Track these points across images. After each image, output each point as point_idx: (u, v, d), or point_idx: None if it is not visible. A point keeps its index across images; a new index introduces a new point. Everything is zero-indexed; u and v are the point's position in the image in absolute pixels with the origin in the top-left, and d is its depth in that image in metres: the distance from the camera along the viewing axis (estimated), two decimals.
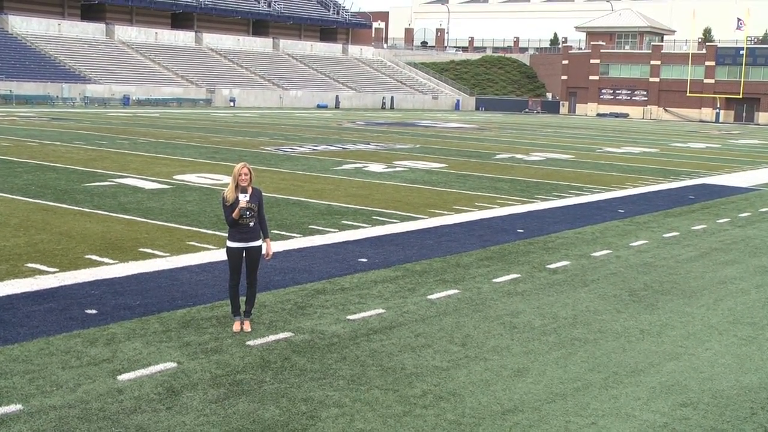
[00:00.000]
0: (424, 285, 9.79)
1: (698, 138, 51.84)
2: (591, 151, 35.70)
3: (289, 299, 8.85)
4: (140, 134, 34.59)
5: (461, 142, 37.53)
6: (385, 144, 34.42)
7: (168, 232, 12.50)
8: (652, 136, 52.60)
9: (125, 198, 15.88)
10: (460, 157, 29.00)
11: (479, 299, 9.22)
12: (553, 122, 72.17)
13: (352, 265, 10.76)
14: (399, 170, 23.41)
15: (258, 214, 7.70)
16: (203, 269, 10.13)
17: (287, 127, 44.81)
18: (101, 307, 8.23)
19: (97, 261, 10.33)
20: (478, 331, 7.97)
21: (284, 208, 15.25)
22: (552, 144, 39.24)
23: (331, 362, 6.88)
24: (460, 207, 16.47)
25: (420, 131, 46.78)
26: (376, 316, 8.36)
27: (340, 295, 9.11)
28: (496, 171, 24.38)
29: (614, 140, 45.25)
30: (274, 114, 64.87)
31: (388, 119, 63.64)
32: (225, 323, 7.86)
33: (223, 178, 19.63)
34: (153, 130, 37.39)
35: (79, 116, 49.05)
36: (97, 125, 40.32)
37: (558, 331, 8.09)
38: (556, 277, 10.52)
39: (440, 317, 8.40)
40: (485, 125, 59.22)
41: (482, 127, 55.20)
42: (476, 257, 11.59)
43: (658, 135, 54.24)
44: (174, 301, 8.61)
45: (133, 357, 6.80)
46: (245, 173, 7.56)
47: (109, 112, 57.45)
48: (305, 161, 25.06)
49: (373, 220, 14.38)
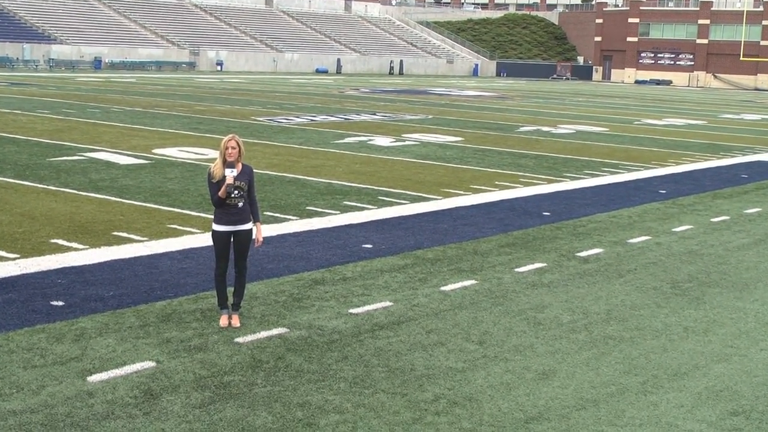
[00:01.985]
0: (437, 275, 9.78)
1: (753, 109, 51.58)
2: (628, 123, 35.57)
3: (284, 290, 8.86)
4: (114, 102, 34.57)
5: (479, 113, 37.42)
6: (393, 114, 34.33)
7: (146, 214, 12.50)
8: (699, 106, 52.36)
9: (97, 174, 15.89)
10: (478, 130, 28.90)
11: (499, 291, 9.21)
12: (585, 90, 71.83)
13: (355, 251, 10.75)
14: (409, 144, 23.36)
15: (248, 195, 7.68)
16: (186, 256, 10.14)
17: (282, 95, 44.74)
18: (69, 299, 8.25)
19: (64, 246, 10.34)
20: (498, 327, 7.96)
21: (278, 187, 15.25)
22: (583, 115, 39.10)
23: (331, 362, 6.88)
24: (477, 186, 16.45)
25: (433, 100, 46.64)
26: (383, 309, 8.36)
27: (341, 286, 9.11)
28: (519, 145, 24.31)
29: (655, 111, 45.07)
30: (266, 80, 64.75)
31: (397, 86, 63.44)
32: (211, 317, 7.87)
33: (208, 152, 19.63)
34: (128, 98, 37.38)
35: (43, 81, 49.04)
36: (63, 92, 40.31)
37: (589, 328, 8.08)
38: (587, 267, 10.50)
39: (455, 311, 8.40)
40: (507, 93, 59.00)
41: (504, 96, 55.00)
42: (496, 244, 11.58)
43: (706, 105, 53.98)
44: (153, 291, 8.62)
45: (105, 355, 6.82)
46: (233, 146, 7.54)
47: (78, 76, 57.40)
48: (302, 133, 25.02)
49: (379, 201, 14.37)
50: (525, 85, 79.11)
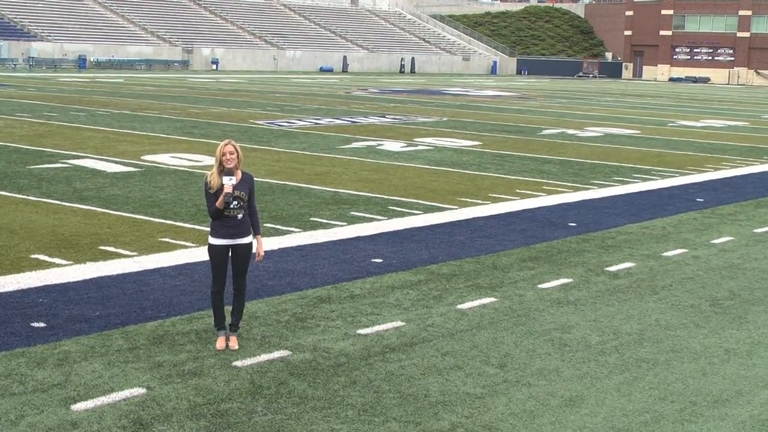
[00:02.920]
0: (453, 292, 9.79)
1: None
2: (661, 124, 35.50)
3: (286, 309, 8.87)
4: (100, 104, 34.70)
5: (499, 115, 37.42)
6: (405, 117, 34.35)
7: (135, 226, 12.54)
8: (740, 105, 52.22)
9: (81, 183, 15.96)
10: (497, 133, 28.89)
11: (521, 310, 9.21)
12: (614, 89, 71.71)
13: (363, 266, 10.76)
14: (421, 149, 23.38)
15: (248, 205, 7.70)
16: (179, 272, 10.16)
17: (283, 96, 44.84)
18: (51, 320, 8.27)
19: (46, 262, 10.37)
20: (521, 349, 7.95)
21: (280, 197, 15.28)
22: (612, 116, 39.04)
23: (338, 388, 6.88)
24: (497, 195, 16.45)
25: (448, 101, 46.65)
26: (394, 330, 8.36)
27: (348, 305, 9.12)
28: (542, 150, 24.30)
29: (691, 111, 44.98)
30: (266, 79, 64.90)
31: (408, 86, 63.48)
32: (207, 339, 7.88)
33: (203, 158, 19.69)
34: (116, 100, 37.51)
35: (22, 82, 49.27)
36: (45, 93, 40.49)
37: (620, 350, 8.06)
38: (617, 283, 10.48)
39: (473, 332, 8.39)
40: (529, 93, 58.95)
41: (525, 96, 54.97)
42: (517, 257, 11.58)
43: (748, 104, 53.84)
44: (143, 311, 8.64)
45: (91, 381, 6.83)
46: (231, 152, 7.55)
47: (61, 76, 57.64)
48: (305, 138, 25.07)
49: (389, 211, 14.38)
50: (548, 84, 79.02)
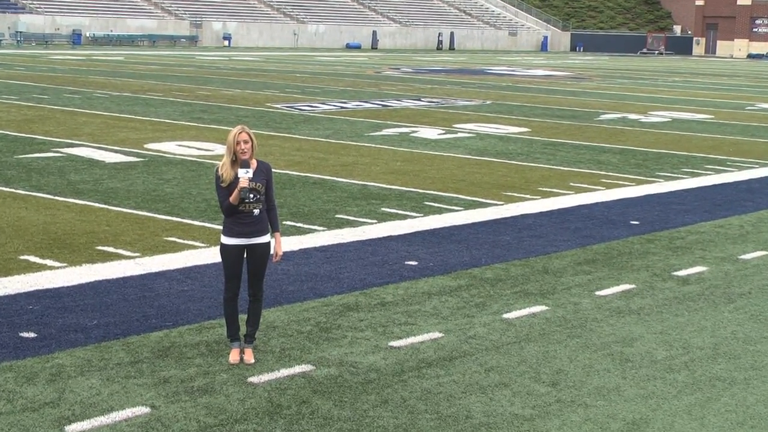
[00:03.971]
0: (498, 299, 9.76)
1: None
2: (738, 108, 35.15)
3: (309, 318, 8.88)
4: (97, 85, 34.90)
5: (550, 97, 37.25)
6: (443, 100, 34.29)
7: (138, 224, 12.61)
8: None
9: (77, 175, 16.06)
10: (547, 119, 28.76)
11: (576, 320, 9.16)
12: (683, 67, 71.11)
13: (396, 270, 10.76)
14: (462, 137, 23.34)
15: (266, 198, 7.71)
16: (187, 275, 10.20)
17: (305, 76, 44.88)
18: (43, 329, 8.31)
19: (36, 264, 10.44)
20: (576, 364, 7.92)
21: (301, 191, 15.30)
22: (681, 99, 38.74)
23: (368, 407, 6.88)
24: (548, 189, 16.40)
25: (491, 81, 46.50)
26: (431, 342, 8.35)
27: (379, 313, 9.12)
28: (599, 138, 24.17)
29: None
30: (285, 57, 65.01)
31: (447, 64, 63.34)
32: (219, 351, 7.91)
33: (214, 147, 19.76)
34: (115, 80, 37.72)
35: (9, 60, 49.68)
36: (35, 72, 40.78)
37: (691, 366, 8.00)
38: (687, 290, 10.41)
39: (521, 345, 8.37)
40: (584, 72, 58.62)
41: (580, 76, 54.66)
42: (572, 260, 11.53)
43: None
44: (146, 320, 8.68)
45: (87, 399, 6.87)
46: (245, 140, 7.55)
47: (53, 54, 58.03)
48: (330, 124, 25.10)
49: (425, 207, 14.37)
50: (607, 62, 78.50)
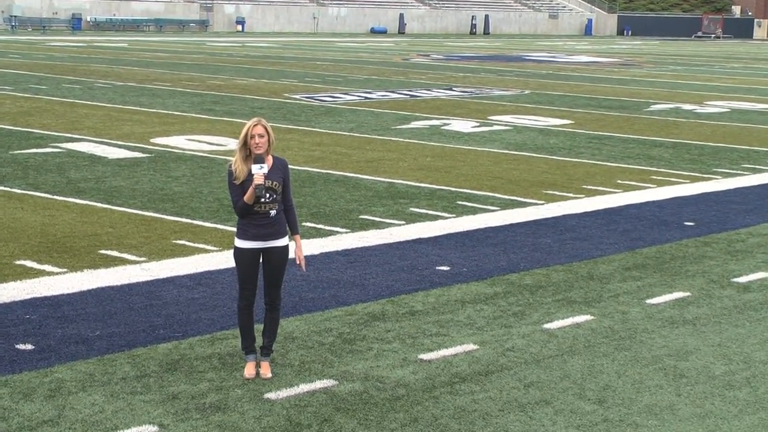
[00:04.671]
0: (539, 307, 9.73)
1: None
2: None
3: (331, 328, 8.88)
4: (99, 74, 35.03)
5: (595, 86, 37.11)
6: (477, 89, 34.22)
7: (144, 225, 12.65)
8: None
9: (77, 173, 16.13)
10: (592, 109, 28.66)
11: (625, 331, 9.12)
12: (742, 52, 70.61)
13: (426, 275, 10.75)
14: (498, 130, 23.28)
15: (283, 198, 7.72)
16: (198, 282, 10.23)
17: (325, 64, 44.92)
18: (41, 340, 8.34)
19: (34, 269, 10.49)
20: (625, 380, 7.88)
21: (322, 189, 15.32)
22: (740, 87, 38.49)
23: (395, 426, 6.88)
24: (593, 187, 16.34)
25: (530, 69, 46.37)
26: (465, 354, 8.34)
27: (408, 323, 9.11)
28: (650, 130, 24.06)
29: None
30: (304, 43, 65.07)
31: (481, 50, 63.22)
32: (232, 365, 7.93)
33: (227, 141, 19.80)
34: (119, 69, 37.86)
35: (3, 47, 49.96)
36: (31, 60, 40.98)
37: (753, 382, 7.95)
38: (748, 298, 10.34)
39: (564, 358, 8.34)
40: (633, 59, 58.34)
41: (628, 62, 54.41)
42: (620, 265, 11.48)
43: None
44: (154, 330, 8.70)
45: (90, 417, 6.89)
46: (260, 134, 7.56)
47: (50, 40, 58.34)
48: (353, 116, 25.11)
49: (457, 207, 14.36)
50: (658, 46, 78.11)
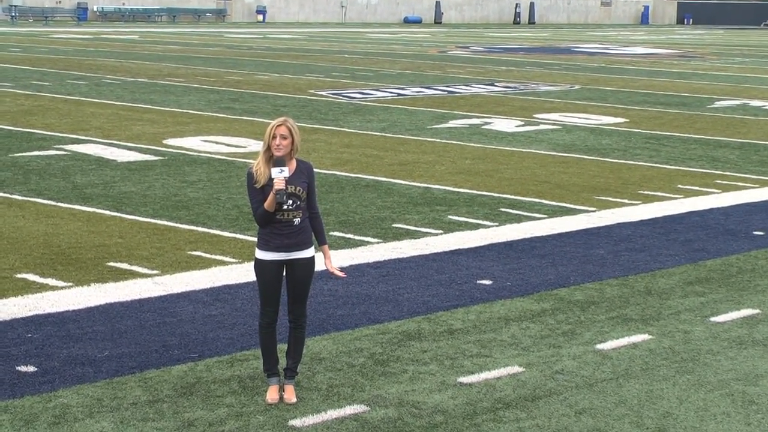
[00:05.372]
0: (591, 326, 9.68)
1: None
2: None
3: (362, 348, 8.86)
4: (107, 69, 35.23)
5: (652, 81, 36.97)
6: (521, 84, 34.17)
7: (156, 235, 12.67)
8: None
9: (83, 177, 16.18)
10: (649, 106, 28.54)
11: (687, 352, 9.06)
12: None
13: (466, 290, 10.72)
14: (544, 129, 23.24)
15: (308, 205, 7.70)
16: (216, 297, 10.23)
17: (354, 57, 44.98)
18: (44, 362, 8.36)
19: (36, 284, 10.51)
20: (687, 407, 7.82)
21: (351, 195, 15.31)
22: None
23: None
24: (650, 192, 16.27)
25: (580, 62, 46.27)
26: (509, 377, 8.30)
27: (446, 342, 9.08)
28: (714, 129, 23.94)
29: None
30: (331, 34, 65.25)
31: (526, 41, 63.14)
32: (253, 389, 7.91)
33: (248, 143, 19.84)
34: (129, 63, 38.07)
35: (3, 39, 50.37)
36: (33, 55, 41.28)
37: None
38: None
39: (619, 382, 8.29)
40: (694, 50, 58.12)
41: (689, 54, 54.19)
42: (681, 279, 11.41)
43: None
44: (167, 350, 8.71)
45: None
46: (283, 135, 7.56)
47: (54, 32, 58.78)
48: (385, 115, 25.12)
49: (500, 215, 14.32)
50: (722, 36, 77.77)
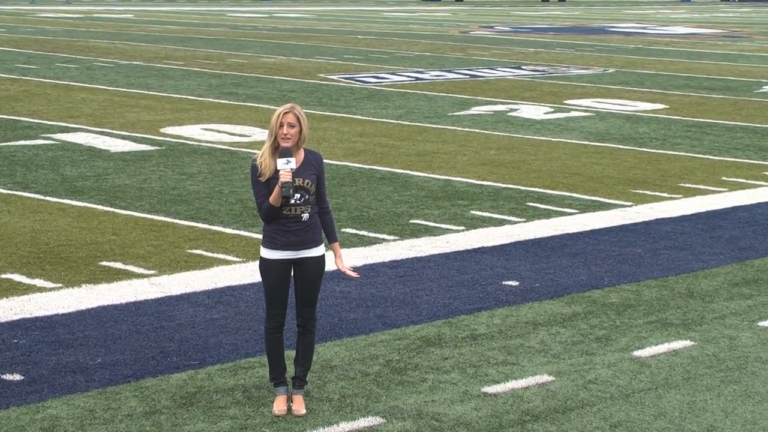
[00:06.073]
0: (628, 331, 9.68)
1: None
2: None
3: (377, 355, 8.88)
4: (99, 52, 35.27)
5: (693, 63, 36.88)
6: (551, 68, 34.12)
7: (153, 232, 12.71)
8: None
9: (74, 169, 16.24)
10: (691, 91, 28.48)
11: (732, 359, 9.05)
12: None
13: (490, 292, 10.73)
14: (576, 116, 23.22)
15: (317, 199, 7.72)
16: (218, 299, 10.25)
17: (368, 39, 44.96)
18: (31, 370, 8.39)
19: (22, 284, 10.56)
20: (733, 419, 7.82)
21: (364, 188, 15.33)
22: None
23: None
24: (692, 185, 16.27)
25: (615, 43, 46.18)
26: (538, 387, 8.31)
27: (468, 349, 9.09)
28: (762, 116, 23.91)
29: None
30: (343, 13, 65.21)
31: (555, 21, 63.06)
32: (259, 399, 7.93)
33: (252, 131, 19.87)
34: (123, 45, 38.10)
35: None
36: (18, 35, 41.38)
37: None
38: None
39: (658, 392, 8.29)
40: (740, 29, 57.95)
41: (734, 34, 54.03)
42: (725, 280, 11.41)
43: None
44: (165, 357, 8.73)
45: None
46: (291, 123, 7.57)
47: (41, 10, 58.90)
48: (402, 101, 25.12)
49: (528, 210, 14.33)
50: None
